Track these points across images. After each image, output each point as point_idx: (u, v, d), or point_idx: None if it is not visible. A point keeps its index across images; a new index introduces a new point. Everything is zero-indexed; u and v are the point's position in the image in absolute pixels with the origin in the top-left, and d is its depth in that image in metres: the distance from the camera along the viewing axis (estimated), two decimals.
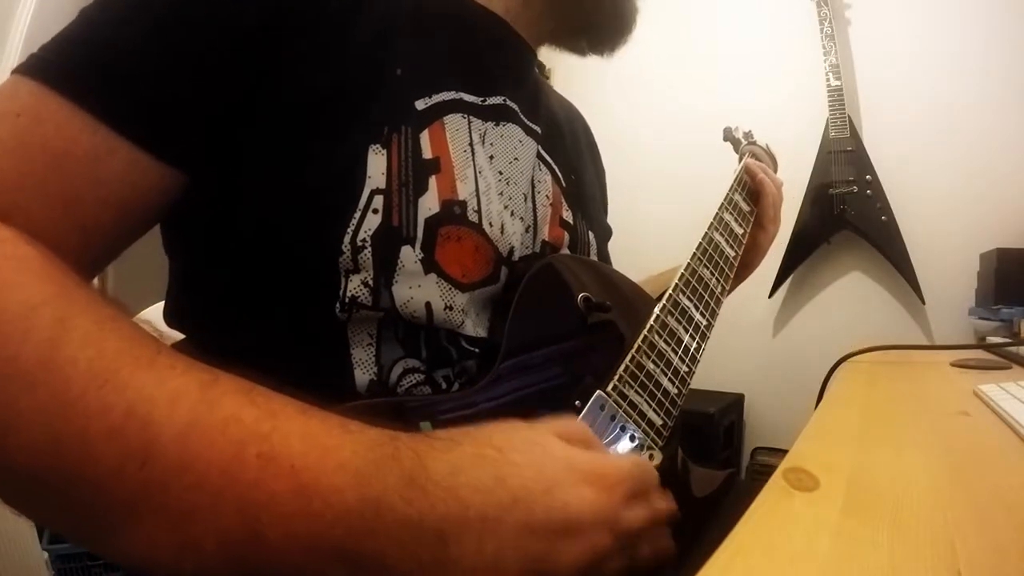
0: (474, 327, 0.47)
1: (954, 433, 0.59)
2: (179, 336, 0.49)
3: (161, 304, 0.71)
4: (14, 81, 0.37)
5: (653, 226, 1.77)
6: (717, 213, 0.72)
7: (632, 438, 0.48)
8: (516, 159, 0.53)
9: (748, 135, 0.95)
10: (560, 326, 0.50)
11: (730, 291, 0.69)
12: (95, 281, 0.42)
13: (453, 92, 0.49)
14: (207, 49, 0.39)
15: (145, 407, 0.28)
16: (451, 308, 0.45)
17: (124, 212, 0.39)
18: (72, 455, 0.27)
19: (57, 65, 0.37)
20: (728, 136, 0.97)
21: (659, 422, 0.51)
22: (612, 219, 0.72)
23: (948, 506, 0.38)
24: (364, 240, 0.41)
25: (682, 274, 0.62)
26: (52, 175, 0.36)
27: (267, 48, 0.41)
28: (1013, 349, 1.03)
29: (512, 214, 0.51)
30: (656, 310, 0.56)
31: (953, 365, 0.97)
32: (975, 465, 0.48)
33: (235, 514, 0.28)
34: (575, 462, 0.36)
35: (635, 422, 0.49)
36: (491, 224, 0.48)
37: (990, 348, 1.12)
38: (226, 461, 0.28)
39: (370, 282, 0.42)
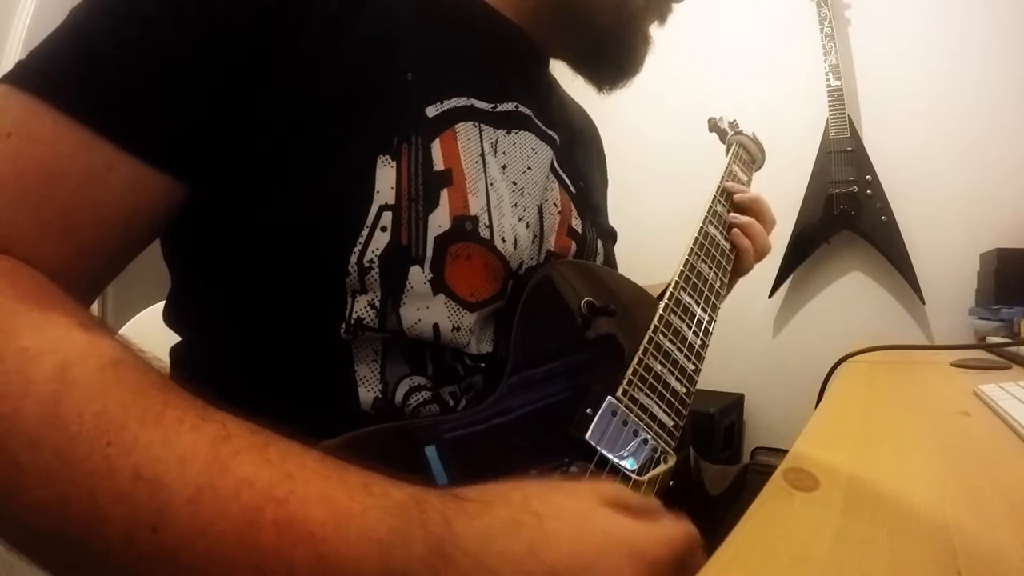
0: (478, 344, 0.46)
1: (954, 433, 0.59)
2: (170, 342, 0.48)
3: (141, 315, 0.72)
4: (2, 94, 0.35)
5: (652, 226, 1.77)
6: (710, 206, 0.71)
7: (645, 442, 0.48)
8: (530, 168, 0.51)
9: (733, 124, 0.92)
10: (563, 338, 0.49)
11: (725, 295, 0.69)
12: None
13: (464, 98, 0.47)
14: (204, 52, 0.37)
15: (153, 469, 0.27)
16: (458, 329, 0.44)
17: (125, 229, 0.37)
18: (80, 518, 0.26)
19: (48, 75, 0.35)
20: (713, 127, 0.95)
21: (670, 423, 0.50)
22: (611, 219, 0.72)
23: (948, 506, 0.38)
24: (372, 261, 0.40)
25: (681, 270, 0.61)
26: (48, 199, 0.34)
27: (267, 48, 0.39)
28: (1013, 349, 1.03)
29: (527, 226, 0.49)
30: (659, 310, 0.56)
31: (953, 365, 0.98)
32: (975, 465, 0.48)
33: None
34: (618, 535, 0.33)
35: (647, 425, 0.48)
36: (504, 239, 0.46)
37: (990, 348, 1.12)
38: (241, 528, 0.26)
39: (377, 304, 0.41)
